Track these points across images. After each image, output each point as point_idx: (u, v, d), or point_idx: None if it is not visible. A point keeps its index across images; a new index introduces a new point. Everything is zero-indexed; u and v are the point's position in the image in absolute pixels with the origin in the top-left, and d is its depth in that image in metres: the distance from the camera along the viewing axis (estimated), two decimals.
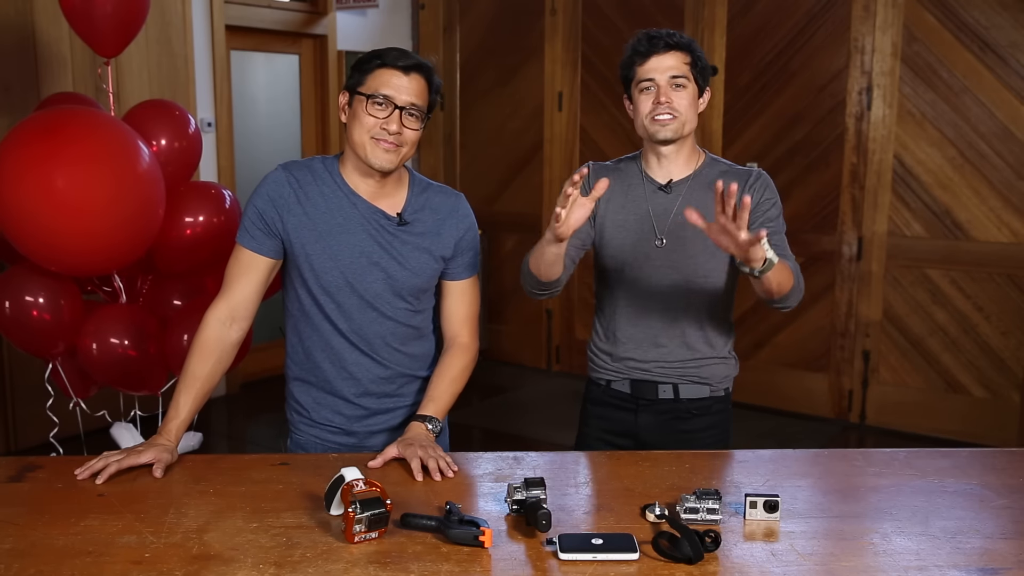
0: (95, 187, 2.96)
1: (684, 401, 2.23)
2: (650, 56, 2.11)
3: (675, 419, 2.24)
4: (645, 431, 2.24)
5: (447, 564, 1.47)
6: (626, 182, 2.22)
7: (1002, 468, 1.92)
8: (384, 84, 1.97)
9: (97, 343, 3.26)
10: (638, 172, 2.22)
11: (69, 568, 1.46)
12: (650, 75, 2.11)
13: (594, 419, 2.33)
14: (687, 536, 1.50)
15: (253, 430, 5.12)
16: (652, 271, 2.18)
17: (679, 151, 2.18)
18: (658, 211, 2.18)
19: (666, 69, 2.10)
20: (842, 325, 5.04)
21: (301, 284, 2.07)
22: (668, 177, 2.19)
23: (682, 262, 2.16)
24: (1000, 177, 4.59)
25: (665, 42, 2.11)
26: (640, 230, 2.18)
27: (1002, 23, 4.50)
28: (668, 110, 2.10)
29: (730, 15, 5.20)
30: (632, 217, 2.19)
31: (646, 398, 2.24)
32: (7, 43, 4.27)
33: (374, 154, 1.98)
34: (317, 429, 2.15)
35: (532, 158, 6.00)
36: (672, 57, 2.11)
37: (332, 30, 5.82)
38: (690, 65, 2.12)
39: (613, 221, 2.21)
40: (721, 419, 2.27)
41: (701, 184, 2.18)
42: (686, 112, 2.12)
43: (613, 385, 2.28)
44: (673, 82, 2.11)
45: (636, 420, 2.25)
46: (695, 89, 2.14)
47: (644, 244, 2.18)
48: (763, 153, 5.17)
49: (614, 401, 2.29)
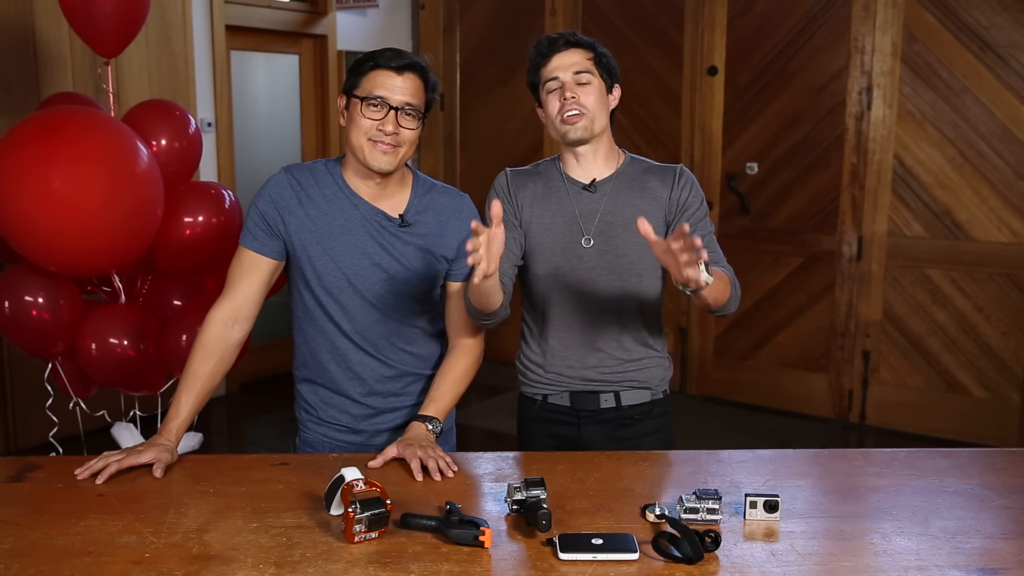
0: (92, 187, 2.96)
1: (626, 408, 2.18)
2: (551, 55, 2.10)
3: (618, 427, 2.19)
4: (590, 443, 2.18)
5: (447, 564, 1.47)
6: (548, 184, 2.18)
7: (1002, 468, 1.92)
8: (378, 85, 1.97)
9: (96, 343, 3.25)
10: (559, 174, 2.19)
11: (69, 568, 1.46)
12: (554, 74, 2.09)
13: (536, 437, 2.26)
14: (687, 536, 1.50)
15: (253, 430, 5.12)
16: (584, 272, 2.14)
17: (596, 150, 2.14)
18: (584, 211, 2.14)
19: (569, 66, 2.09)
20: (842, 325, 5.04)
21: (304, 286, 2.08)
22: (590, 177, 2.16)
23: (614, 262, 2.12)
24: (1000, 177, 4.59)
25: (565, 40, 2.10)
26: (568, 231, 2.14)
27: (1002, 23, 4.49)
28: (575, 106, 2.07)
29: (730, 15, 5.20)
30: (559, 219, 2.15)
31: (587, 409, 2.19)
32: (7, 43, 4.27)
33: (372, 156, 1.98)
34: (325, 428, 2.16)
35: (532, 158, 5.92)
36: (574, 54, 2.09)
37: (332, 30, 5.82)
38: (593, 61, 2.10)
39: (539, 225, 2.16)
40: (663, 423, 2.23)
41: (625, 183, 2.15)
42: (594, 108, 2.09)
43: (550, 399, 2.22)
44: (577, 78, 2.08)
45: (580, 433, 2.20)
46: (602, 85, 2.11)
47: (574, 246, 2.14)
48: (763, 153, 5.17)
49: (553, 416, 2.22)
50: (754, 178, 5.20)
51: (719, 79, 5.25)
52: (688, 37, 5.31)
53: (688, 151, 5.35)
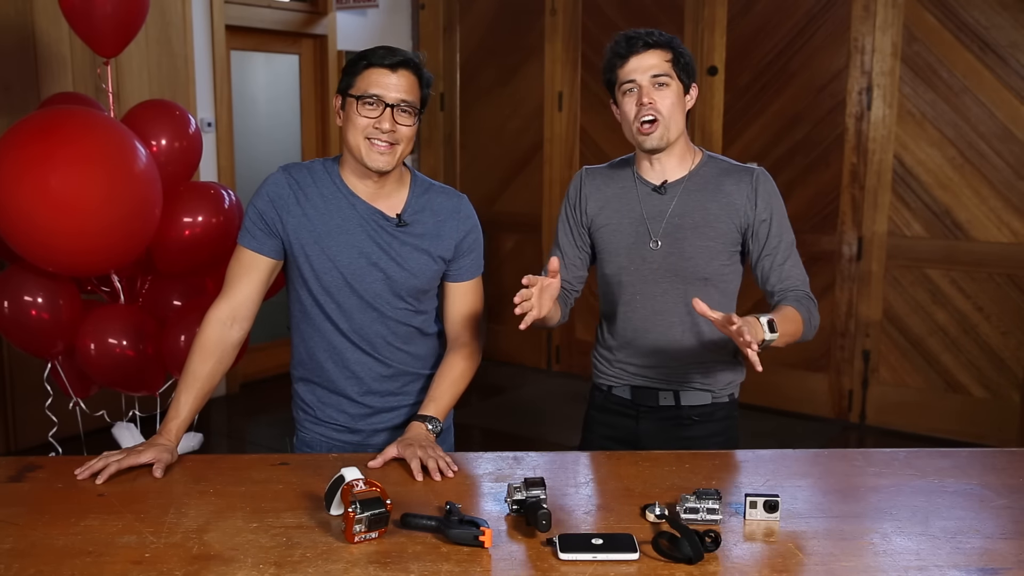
0: (89, 186, 2.96)
1: (685, 408, 2.19)
2: (630, 57, 2.07)
3: (677, 426, 2.20)
4: (647, 438, 2.21)
5: (447, 564, 1.47)
6: (619, 185, 2.20)
7: (1002, 468, 1.92)
8: (373, 84, 1.97)
9: (95, 343, 3.25)
10: (631, 175, 2.20)
11: (69, 568, 1.46)
12: (631, 76, 2.08)
13: (597, 425, 2.30)
14: (687, 536, 1.50)
15: (253, 430, 5.12)
16: (648, 274, 2.15)
17: (670, 154, 2.14)
18: (652, 213, 2.15)
19: (647, 69, 2.07)
20: (842, 325, 5.04)
21: (302, 285, 2.07)
22: (663, 178, 2.16)
23: (679, 264, 2.13)
24: (1000, 177, 4.59)
25: (644, 41, 2.07)
26: (635, 233, 2.16)
27: (1002, 23, 4.50)
28: (652, 111, 2.06)
29: (730, 15, 5.20)
30: (626, 220, 2.17)
31: (647, 405, 2.21)
32: (7, 43, 4.27)
33: (370, 156, 1.98)
34: (322, 427, 2.16)
35: (532, 158, 6.00)
36: (652, 56, 2.07)
37: (332, 30, 5.82)
38: (671, 63, 2.08)
39: (607, 227, 2.19)
40: (726, 426, 2.23)
41: (697, 184, 2.15)
42: (669, 114, 2.08)
43: (614, 391, 2.26)
44: (655, 81, 2.07)
45: (637, 427, 2.22)
46: (679, 87, 2.10)
47: (639, 247, 2.15)
48: (763, 153, 5.17)
49: (615, 407, 2.26)
50: None
51: (719, 79, 5.25)
52: (688, 37, 5.31)
53: None
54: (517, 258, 6.03)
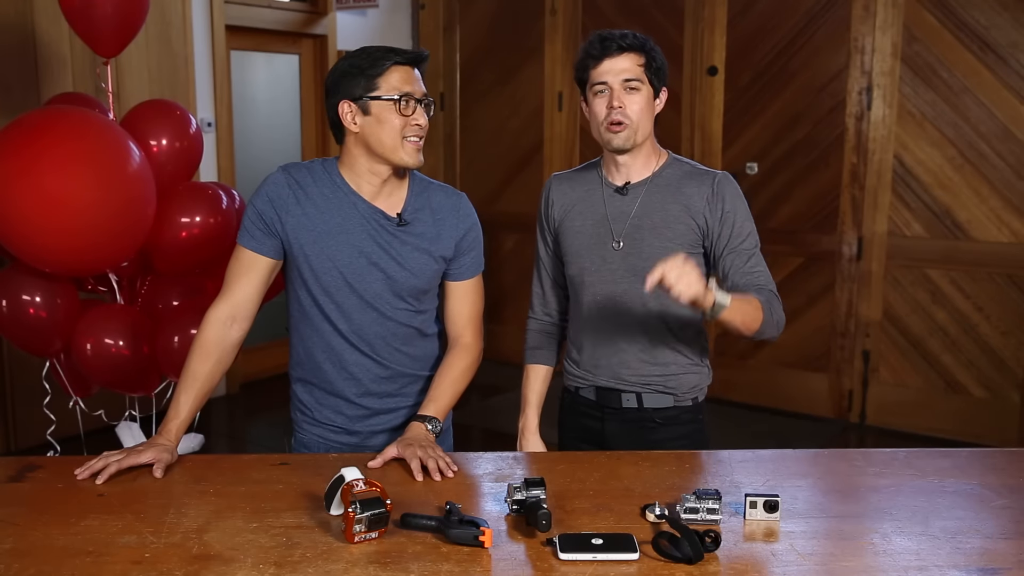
0: (80, 186, 2.95)
1: (648, 411, 2.18)
2: (603, 59, 2.07)
3: (641, 428, 2.19)
4: (613, 440, 2.20)
5: (447, 564, 1.47)
6: (584, 188, 2.20)
7: (1002, 468, 1.92)
8: (403, 82, 1.98)
9: (91, 343, 3.25)
10: (597, 177, 2.20)
11: (69, 568, 1.46)
12: (603, 78, 2.07)
13: (567, 427, 2.31)
14: (687, 536, 1.50)
15: (253, 430, 5.12)
16: (609, 274, 2.15)
17: (635, 155, 2.14)
18: (615, 214, 2.15)
19: (619, 72, 2.06)
20: (842, 325, 5.04)
21: (301, 285, 2.07)
22: (626, 179, 2.16)
23: (638, 265, 2.10)
24: (1000, 177, 4.59)
25: (618, 44, 2.07)
26: (597, 234, 2.16)
27: (1002, 23, 4.49)
28: (620, 115, 2.06)
29: (730, 15, 5.20)
30: (589, 222, 2.17)
31: (611, 407, 2.20)
32: (7, 43, 4.27)
33: (408, 154, 1.99)
34: (320, 428, 2.15)
35: (532, 158, 6.00)
36: (625, 59, 2.07)
37: (332, 30, 5.82)
38: (644, 67, 2.08)
39: (571, 227, 2.19)
40: (691, 429, 2.21)
41: (659, 186, 2.14)
42: (638, 118, 2.07)
43: (581, 392, 2.26)
44: (626, 85, 2.07)
45: (603, 428, 2.22)
46: (649, 91, 2.10)
47: (601, 248, 2.15)
48: (763, 153, 5.17)
49: (583, 409, 2.26)
50: (754, 178, 5.20)
51: (719, 79, 5.25)
52: (688, 37, 5.31)
53: (688, 151, 5.35)
54: (517, 258, 6.02)
